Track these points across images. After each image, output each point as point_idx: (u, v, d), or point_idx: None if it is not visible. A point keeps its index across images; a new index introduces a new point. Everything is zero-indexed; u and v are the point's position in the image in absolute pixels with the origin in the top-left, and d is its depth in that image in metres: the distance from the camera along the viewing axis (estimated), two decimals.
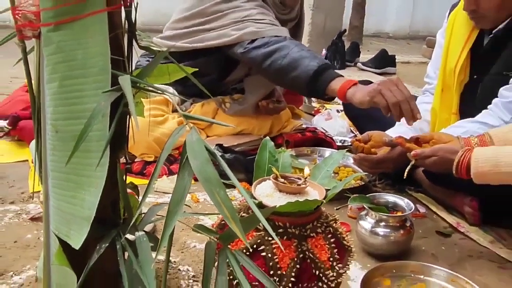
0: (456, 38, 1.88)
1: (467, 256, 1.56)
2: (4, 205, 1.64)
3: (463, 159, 1.36)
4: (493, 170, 1.30)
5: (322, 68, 1.74)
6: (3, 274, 1.25)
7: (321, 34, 4.62)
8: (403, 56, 5.35)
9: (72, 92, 0.94)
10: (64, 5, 0.91)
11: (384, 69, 4.47)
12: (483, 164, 1.31)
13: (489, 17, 1.70)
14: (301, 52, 1.80)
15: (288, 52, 1.80)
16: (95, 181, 0.94)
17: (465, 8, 1.71)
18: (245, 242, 0.82)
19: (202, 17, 2.06)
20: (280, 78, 1.89)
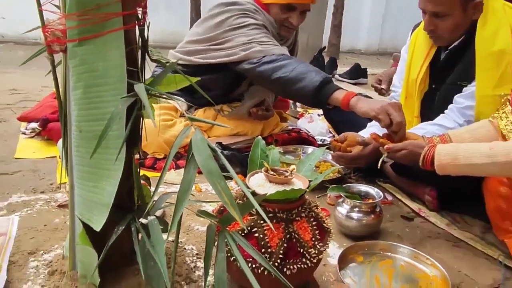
0: (418, 53, 1.88)
1: (427, 236, 1.56)
2: (36, 194, 1.64)
3: (428, 153, 1.37)
4: (452, 162, 1.31)
5: (326, 81, 1.74)
6: (35, 253, 1.25)
7: (304, 51, 4.63)
8: (373, 69, 5.36)
9: (93, 98, 0.94)
10: (87, 24, 0.91)
11: (357, 80, 4.49)
12: (445, 157, 1.32)
13: (445, 37, 1.71)
14: (307, 67, 1.80)
15: (295, 67, 1.80)
16: (114, 173, 0.94)
17: (425, 28, 1.72)
18: (242, 224, 0.82)
19: (213, 41, 2.06)
20: (287, 88, 1.87)
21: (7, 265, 1.16)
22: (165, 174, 0.87)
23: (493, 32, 1.61)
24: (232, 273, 1.08)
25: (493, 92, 1.58)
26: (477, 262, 1.41)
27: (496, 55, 1.58)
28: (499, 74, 1.58)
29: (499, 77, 1.58)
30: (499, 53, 1.58)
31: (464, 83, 1.70)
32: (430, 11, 1.65)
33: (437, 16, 1.64)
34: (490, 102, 1.59)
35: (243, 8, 2.04)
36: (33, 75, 3.62)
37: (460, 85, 1.71)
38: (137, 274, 1.11)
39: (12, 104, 2.87)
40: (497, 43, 1.59)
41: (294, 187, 1.05)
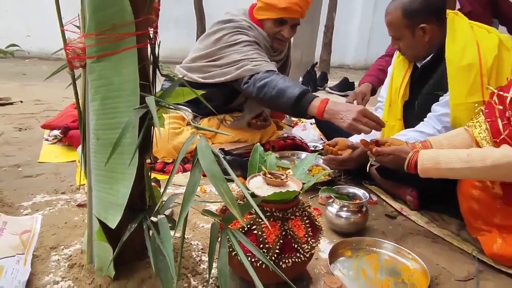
0: (399, 67, 1.92)
1: (408, 233, 1.56)
2: (57, 195, 1.63)
3: (412, 158, 1.38)
4: (434, 166, 1.32)
5: (302, 94, 1.74)
6: (56, 248, 1.25)
7: (298, 66, 4.64)
8: None
9: (109, 109, 0.94)
10: (104, 43, 0.91)
11: (345, 92, 4.49)
12: (427, 162, 1.33)
13: (407, 54, 1.81)
14: (286, 83, 1.80)
15: (276, 83, 1.80)
16: (127, 177, 0.94)
17: (392, 47, 1.83)
18: (242, 222, 0.82)
19: (212, 56, 2.07)
20: (272, 104, 1.91)
21: (31, 258, 1.15)
22: (173, 177, 0.87)
23: (461, 48, 1.64)
24: (234, 266, 1.08)
25: (465, 100, 1.60)
26: (453, 256, 1.41)
27: (466, 69, 1.60)
28: (469, 84, 1.59)
29: (469, 87, 1.60)
30: (468, 67, 1.60)
31: (440, 93, 1.72)
32: (390, 35, 1.78)
33: (395, 38, 1.76)
34: (464, 109, 1.61)
35: (237, 26, 2.05)
36: (55, 87, 3.62)
37: (436, 94, 1.73)
38: (148, 267, 1.11)
39: (36, 113, 2.87)
40: (465, 58, 1.61)
41: (289, 189, 1.05)
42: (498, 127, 1.33)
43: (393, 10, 1.71)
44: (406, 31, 1.71)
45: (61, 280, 1.09)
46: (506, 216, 1.38)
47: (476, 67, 1.58)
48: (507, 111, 1.32)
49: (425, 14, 1.67)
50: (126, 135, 0.87)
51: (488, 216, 1.40)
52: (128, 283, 1.06)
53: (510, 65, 1.60)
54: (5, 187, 1.66)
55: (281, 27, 2.08)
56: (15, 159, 1.97)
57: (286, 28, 2.08)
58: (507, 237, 1.34)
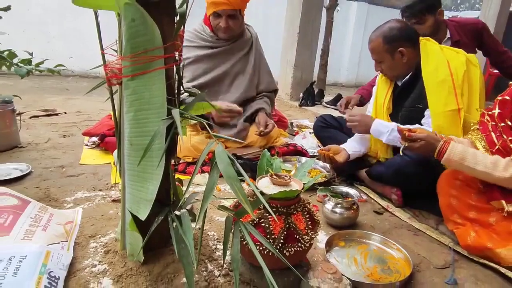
0: (382, 85, 1.92)
1: (393, 227, 1.56)
2: (95, 191, 1.64)
3: (443, 147, 1.35)
4: (459, 161, 1.31)
5: None
6: (94, 236, 1.25)
7: (299, 83, 4.65)
8: None
9: (141, 119, 0.95)
10: (138, 64, 0.92)
11: None
12: (455, 155, 1.32)
13: (388, 75, 1.83)
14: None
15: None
16: (155, 176, 0.95)
17: (376, 69, 1.83)
18: (253, 216, 0.83)
19: None
20: None
21: (73, 245, 1.17)
22: (194, 177, 0.88)
23: (435, 67, 1.67)
24: (244, 254, 1.08)
25: (443, 109, 1.62)
26: (432, 247, 1.40)
27: (440, 84, 1.63)
28: (445, 96, 1.62)
29: (445, 98, 1.62)
30: (442, 82, 1.63)
31: (419, 105, 1.72)
32: (373, 59, 1.81)
33: (378, 62, 1.79)
34: (443, 117, 1.62)
35: (186, 37, 2.15)
36: (94, 101, 3.65)
37: (417, 107, 1.73)
38: (172, 253, 1.12)
39: (78, 122, 2.89)
40: (439, 75, 1.64)
41: (292, 188, 1.05)
42: (492, 139, 1.35)
43: (375, 38, 1.75)
44: (386, 55, 1.74)
45: (98, 264, 1.10)
46: (480, 212, 1.37)
47: (448, 82, 1.61)
48: (498, 124, 1.33)
49: (401, 40, 1.71)
50: (155, 141, 0.88)
51: (463, 211, 1.39)
52: (154, 266, 1.07)
53: (477, 78, 1.65)
54: (52, 184, 1.67)
55: (218, 19, 2.12)
56: (60, 161, 1.99)
57: (222, 19, 2.11)
58: (479, 231, 1.33)
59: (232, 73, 2.28)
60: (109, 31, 1.16)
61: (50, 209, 1.30)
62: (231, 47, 2.25)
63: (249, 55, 2.35)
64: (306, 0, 4.34)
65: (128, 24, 0.89)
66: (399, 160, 1.67)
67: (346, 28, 8.72)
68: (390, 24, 1.75)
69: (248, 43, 2.34)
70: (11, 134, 2.13)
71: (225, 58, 2.26)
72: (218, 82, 2.25)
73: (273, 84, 2.50)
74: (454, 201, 1.41)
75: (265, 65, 2.45)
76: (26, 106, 3.17)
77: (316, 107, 4.41)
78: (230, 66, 2.26)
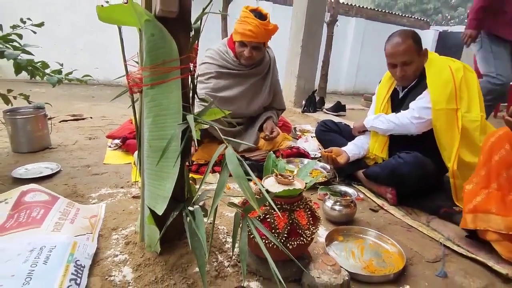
0: (381, 93, 1.92)
1: (388, 223, 1.54)
2: (117, 189, 1.65)
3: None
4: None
5: None
6: (116, 229, 1.26)
7: (301, 92, 4.65)
8: (350, 105, 5.32)
9: (159, 124, 0.96)
10: (157, 74, 0.93)
11: (338, 113, 4.46)
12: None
13: (411, 77, 1.73)
14: None
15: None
16: (171, 175, 0.95)
17: (398, 75, 1.72)
18: (259, 212, 0.82)
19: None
20: None
21: (97, 237, 1.18)
22: (206, 177, 0.88)
23: (438, 70, 1.66)
24: (251, 246, 1.08)
25: (445, 107, 1.60)
26: (424, 242, 1.39)
27: (444, 82, 1.61)
28: (447, 95, 1.59)
29: (448, 97, 1.59)
30: (445, 81, 1.61)
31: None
32: (401, 61, 1.67)
33: (405, 64, 1.68)
34: (443, 114, 1.60)
35: (209, 55, 2.16)
36: (116, 107, 3.69)
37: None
38: (186, 245, 1.12)
39: (102, 126, 2.92)
40: (442, 76, 1.63)
41: (295, 187, 1.05)
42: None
43: (405, 39, 1.65)
44: (416, 56, 1.67)
45: (119, 254, 1.11)
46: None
47: (451, 82, 1.60)
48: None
49: (421, 44, 1.70)
50: (171, 144, 0.89)
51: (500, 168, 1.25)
52: (170, 257, 1.07)
53: (475, 82, 1.63)
54: (78, 182, 1.69)
55: (243, 48, 2.09)
56: (86, 161, 2.01)
57: (247, 49, 2.08)
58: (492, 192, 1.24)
59: (249, 93, 2.25)
60: (130, 44, 1.18)
61: (76, 204, 1.31)
62: (249, 72, 2.23)
63: (267, 78, 2.33)
64: (309, 16, 4.35)
65: (148, 38, 0.90)
66: (394, 162, 1.66)
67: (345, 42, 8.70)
68: (404, 30, 1.71)
69: (266, 66, 2.31)
70: (43, 136, 2.16)
71: (244, 79, 2.22)
72: (236, 100, 2.21)
73: (283, 105, 2.51)
74: (497, 157, 1.27)
75: (279, 87, 2.44)
76: (56, 112, 3.21)
77: (317, 113, 4.40)
78: (248, 86, 2.23)
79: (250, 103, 2.27)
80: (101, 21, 0.91)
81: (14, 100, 1.84)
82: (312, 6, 4.32)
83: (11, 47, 1.60)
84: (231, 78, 2.19)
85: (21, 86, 4.44)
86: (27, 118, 2.06)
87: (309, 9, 4.32)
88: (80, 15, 5.80)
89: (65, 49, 5.76)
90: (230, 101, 2.17)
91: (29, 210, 1.14)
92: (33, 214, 1.12)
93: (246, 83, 2.22)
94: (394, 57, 1.69)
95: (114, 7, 0.87)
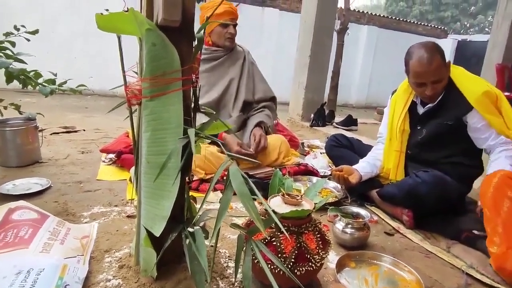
0: (398, 108, 1.89)
1: (405, 249, 1.52)
2: (111, 207, 1.65)
3: None
4: None
5: None
6: (109, 251, 1.26)
7: (310, 105, 4.67)
8: (362, 119, 5.33)
9: (159, 138, 0.97)
10: (157, 85, 0.95)
11: (349, 127, 4.47)
12: None
13: (440, 93, 1.69)
14: None
15: None
16: (171, 194, 0.96)
17: (428, 94, 1.66)
18: (265, 235, 0.82)
19: None
20: None
21: (89, 259, 1.17)
22: (208, 195, 0.89)
23: (472, 83, 1.64)
24: (255, 272, 1.07)
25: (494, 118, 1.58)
26: (445, 270, 1.37)
27: (485, 95, 1.58)
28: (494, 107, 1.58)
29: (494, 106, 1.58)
30: (486, 93, 1.58)
31: (449, 122, 1.68)
32: (433, 80, 1.62)
33: (436, 82, 1.63)
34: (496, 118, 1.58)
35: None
36: (111, 119, 3.72)
37: (446, 124, 1.69)
38: (185, 270, 1.11)
39: (96, 139, 2.95)
40: (479, 88, 1.60)
41: (304, 208, 1.05)
42: None
43: (433, 56, 1.59)
44: (445, 71, 1.64)
45: (112, 278, 1.10)
46: None
47: (492, 92, 1.59)
48: None
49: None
50: (171, 160, 0.90)
51: None
52: (167, 283, 1.07)
53: (503, 97, 1.61)
54: (70, 199, 1.70)
55: (226, 29, 2.35)
56: (78, 177, 2.02)
57: (229, 28, 2.35)
58: None
59: (235, 82, 2.44)
60: (129, 53, 1.20)
61: (67, 224, 1.31)
62: (228, 57, 2.46)
63: (244, 65, 2.53)
64: (318, 24, 4.41)
65: (149, 48, 0.93)
66: (411, 181, 1.65)
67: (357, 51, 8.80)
68: (430, 43, 1.66)
69: (241, 54, 2.53)
70: (33, 149, 2.19)
71: (226, 68, 2.45)
72: (224, 95, 2.42)
73: (270, 91, 2.58)
74: (505, 208, 1.31)
75: (258, 73, 2.59)
76: (47, 123, 3.25)
77: (327, 127, 4.41)
78: (231, 75, 2.45)
79: (236, 96, 2.43)
80: (100, 29, 0.94)
81: (4, 110, 1.87)
82: (321, 13, 4.39)
83: (3, 55, 1.64)
84: (213, 73, 2.41)
85: (10, 95, 4.51)
86: (16, 130, 2.09)
87: (318, 17, 4.39)
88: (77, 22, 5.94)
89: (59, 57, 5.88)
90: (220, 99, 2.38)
91: (17, 229, 1.14)
92: (20, 234, 1.12)
93: (229, 72, 2.44)
94: (424, 76, 1.63)
95: (114, 15, 0.90)
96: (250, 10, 7.39)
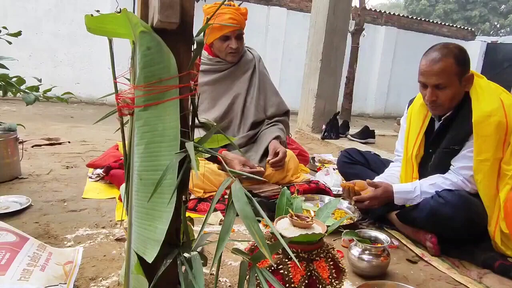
0: (414, 125, 1.87)
1: (430, 278, 1.51)
2: (98, 229, 1.65)
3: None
4: None
5: None
6: (95, 279, 1.25)
7: (321, 114, 4.68)
8: (380, 130, 5.34)
9: (153, 152, 0.97)
10: (151, 93, 0.96)
11: (366, 140, 4.47)
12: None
13: (445, 106, 1.67)
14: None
15: None
16: (165, 215, 0.95)
17: (427, 99, 1.67)
18: (272, 261, 0.82)
19: None
20: None
21: None
22: (209, 217, 0.88)
23: (487, 104, 1.59)
24: None
25: (493, 156, 1.56)
26: None
27: (494, 126, 1.55)
28: (497, 141, 1.56)
29: (497, 144, 1.56)
30: (497, 124, 1.55)
31: (456, 147, 1.69)
32: (433, 83, 1.62)
33: (438, 87, 1.62)
34: (489, 164, 1.57)
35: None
36: (99, 129, 3.76)
37: (453, 149, 1.70)
38: None
39: (82, 153, 2.97)
40: (493, 116, 1.56)
41: (315, 231, 1.04)
42: None
43: (444, 57, 1.59)
44: (455, 80, 1.61)
45: None
46: None
47: (503, 125, 1.55)
48: None
49: (469, 66, 1.63)
50: (167, 176, 0.90)
51: None
52: None
53: None
54: (52, 220, 1.70)
55: (227, 42, 2.27)
56: (62, 195, 2.03)
57: (231, 41, 2.28)
58: None
59: (241, 99, 2.40)
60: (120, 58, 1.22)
61: (49, 247, 1.31)
62: (234, 69, 2.41)
63: (253, 76, 2.47)
64: (330, 25, 4.45)
65: (143, 53, 0.94)
66: (432, 202, 1.63)
67: (373, 54, 8.85)
68: (453, 44, 1.64)
69: (251, 64, 2.47)
70: (12, 164, 2.20)
71: (231, 83, 2.40)
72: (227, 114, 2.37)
73: (283, 105, 2.56)
74: None
75: (270, 85, 2.54)
76: (28, 134, 3.28)
77: (341, 140, 4.42)
78: (237, 90, 2.40)
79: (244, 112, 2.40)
80: (90, 32, 0.95)
81: None
82: (334, 12, 4.44)
83: None
84: (217, 87, 2.36)
85: None
86: None
87: (330, 17, 4.43)
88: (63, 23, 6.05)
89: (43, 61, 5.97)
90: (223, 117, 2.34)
91: None
92: None
93: (234, 86, 2.39)
94: (425, 75, 1.64)
95: (106, 16, 0.92)
96: (255, 9, 7.48)
